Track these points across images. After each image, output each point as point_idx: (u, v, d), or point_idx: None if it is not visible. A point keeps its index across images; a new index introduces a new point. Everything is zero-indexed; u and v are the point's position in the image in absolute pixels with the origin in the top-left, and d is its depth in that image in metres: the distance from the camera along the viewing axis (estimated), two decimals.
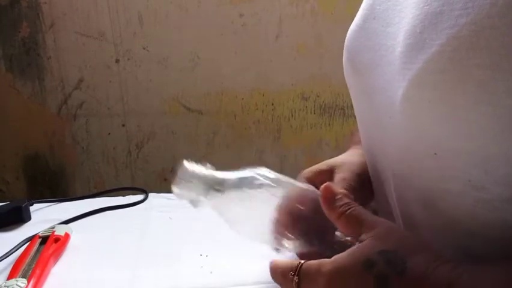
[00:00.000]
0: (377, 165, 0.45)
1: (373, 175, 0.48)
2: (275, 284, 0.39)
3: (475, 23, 0.28)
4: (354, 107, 0.49)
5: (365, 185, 0.50)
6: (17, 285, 0.43)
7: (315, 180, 0.47)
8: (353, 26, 0.46)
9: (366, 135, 0.47)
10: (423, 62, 0.32)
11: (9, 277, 0.45)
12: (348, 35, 0.46)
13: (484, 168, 0.31)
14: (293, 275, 0.35)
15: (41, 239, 0.53)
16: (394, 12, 0.38)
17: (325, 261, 0.34)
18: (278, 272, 0.38)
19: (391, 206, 0.44)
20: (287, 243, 0.41)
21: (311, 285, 0.34)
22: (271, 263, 0.39)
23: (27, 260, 0.49)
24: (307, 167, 0.51)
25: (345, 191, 0.42)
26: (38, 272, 0.46)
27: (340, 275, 0.33)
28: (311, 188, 0.43)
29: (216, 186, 0.41)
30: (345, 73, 0.48)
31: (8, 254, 0.51)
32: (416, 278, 0.31)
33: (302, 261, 0.36)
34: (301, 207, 0.41)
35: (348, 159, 0.51)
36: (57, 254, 0.52)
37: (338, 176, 0.47)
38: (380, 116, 0.40)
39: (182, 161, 0.44)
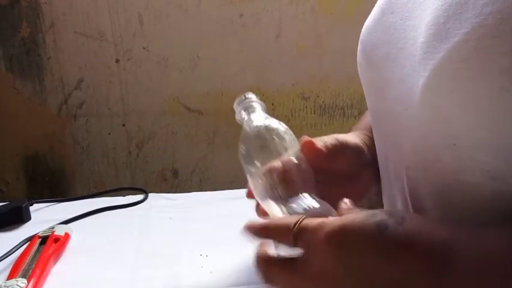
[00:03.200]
0: (389, 161, 0.45)
1: (384, 171, 0.48)
2: None
3: (501, 11, 0.29)
4: (367, 102, 0.49)
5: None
6: (17, 285, 0.43)
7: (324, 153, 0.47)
8: (368, 21, 0.46)
9: (379, 130, 0.47)
10: (446, 51, 0.32)
11: (9, 277, 0.45)
12: (363, 30, 0.46)
13: (504, 158, 0.31)
14: (292, 228, 0.35)
15: (41, 239, 0.53)
16: (415, 5, 0.38)
17: (327, 218, 0.35)
18: (271, 226, 0.37)
19: (401, 203, 0.43)
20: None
21: (312, 237, 0.34)
22: (252, 222, 0.38)
23: (27, 260, 0.49)
24: None
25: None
26: (38, 272, 0.46)
27: (344, 226, 0.33)
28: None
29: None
30: (358, 68, 0.48)
31: (8, 254, 0.51)
32: (415, 230, 0.31)
33: (303, 217, 0.36)
34: None
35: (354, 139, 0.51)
36: (57, 254, 0.52)
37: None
38: (395, 110, 0.40)
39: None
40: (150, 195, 0.70)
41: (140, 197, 0.69)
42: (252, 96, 0.51)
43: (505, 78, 0.29)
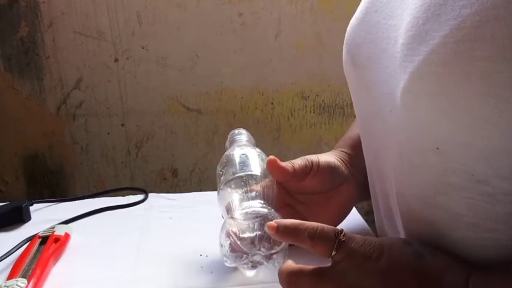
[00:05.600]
0: (377, 161, 0.45)
1: (372, 171, 0.48)
2: (275, 285, 0.39)
3: (479, 13, 0.28)
4: (354, 102, 0.49)
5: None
6: (17, 285, 0.43)
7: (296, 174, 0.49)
8: (353, 19, 0.45)
9: (366, 130, 0.47)
10: (425, 54, 0.31)
11: (9, 277, 0.45)
12: (348, 29, 0.46)
13: (487, 162, 0.30)
14: (337, 235, 0.36)
15: (41, 239, 0.53)
16: (396, 3, 0.38)
17: (369, 237, 0.37)
18: (314, 227, 0.37)
19: (390, 204, 0.43)
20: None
21: (358, 249, 0.35)
22: (286, 221, 0.39)
23: (27, 260, 0.49)
24: None
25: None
26: (38, 272, 0.46)
27: (389, 246, 0.35)
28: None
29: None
30: (344, 67, 0.48)
31: (8, 254, 0.51)
32: (444, 263, 0.34)
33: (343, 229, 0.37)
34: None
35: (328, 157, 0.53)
36: (58, 254, 0.52)
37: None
38: (380, 110, 0.40)
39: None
40: (150, 195, 0.70)
41: (140, 197, 0.69)
42: (241, 130, 0.59)
43: (485, 83, 0.28)
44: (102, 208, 0.65)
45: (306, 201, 0.52)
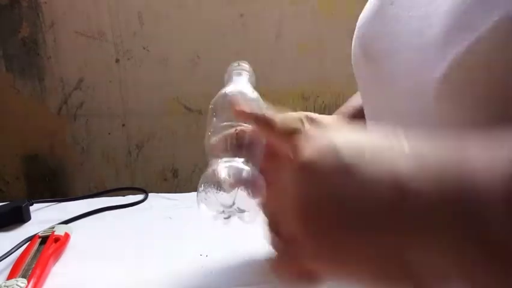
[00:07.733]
0: None
1: None
2: (275, 285, 0.38)
3: None
4: (364, 99, 0.48)
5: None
6: (17, 285, 0.43)
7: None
8: (366, 12, 0.44)
9: (376, 127, 0.47)
10: (472, 41, 0.29)
11: (9, 277, 0.45)
12: (360, 23, 0.45)
13: None
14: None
15: (41, 239, 0.53)
16: None
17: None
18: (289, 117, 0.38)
19: None
20: None
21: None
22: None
23: (27, 260, 0.49)
24: None
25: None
26: (38, 272, 0.46)
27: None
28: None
29: None
30: (354, 62, 0.47)
31: (8, 254, 0.51)
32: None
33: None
34: None
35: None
36: (57, 254, 0.52)
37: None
38: (399, 105, 0.39)
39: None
40: (150, 195, 0.70)
41: (140, 197, 0.69)
42: (244, 65, 0.55)
43: None
44: (102, 208, 0.65)
45: None
